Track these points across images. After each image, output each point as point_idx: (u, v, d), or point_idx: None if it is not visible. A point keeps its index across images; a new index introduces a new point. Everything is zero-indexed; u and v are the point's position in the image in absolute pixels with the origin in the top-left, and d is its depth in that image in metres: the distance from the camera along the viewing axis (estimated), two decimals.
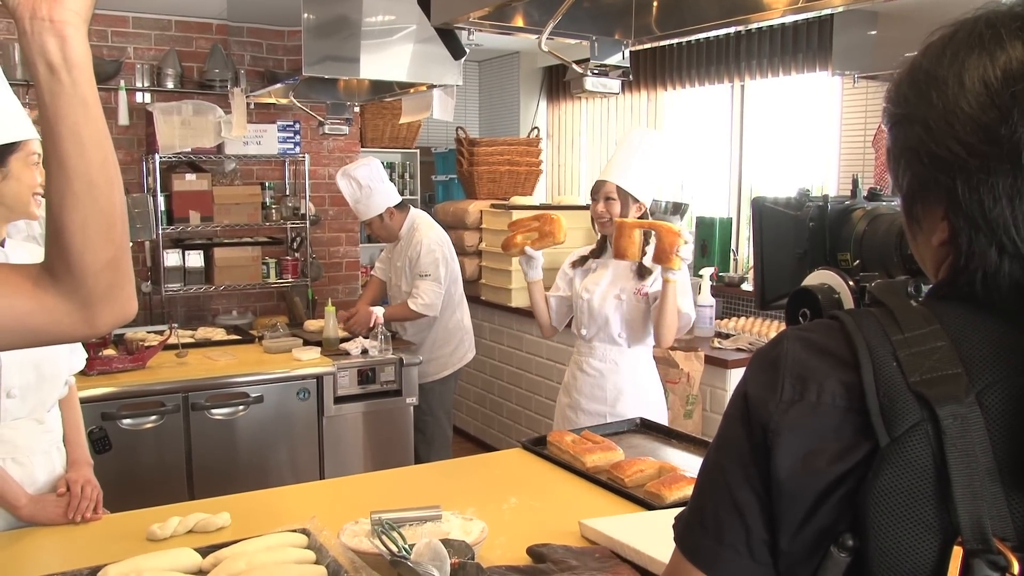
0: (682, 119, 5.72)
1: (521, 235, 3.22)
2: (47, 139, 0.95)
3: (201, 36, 5.43)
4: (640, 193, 3.16)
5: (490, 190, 6.12)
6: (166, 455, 3.69)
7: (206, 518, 2.04)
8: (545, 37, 2.43)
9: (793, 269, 1.38)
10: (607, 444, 2.52)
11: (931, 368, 0.78)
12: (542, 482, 2.40)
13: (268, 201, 5.50)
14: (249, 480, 3.73)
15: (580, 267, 3.30)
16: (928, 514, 0.76)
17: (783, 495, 0.83)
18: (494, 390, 5.89)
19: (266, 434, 3.91)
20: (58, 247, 0.97)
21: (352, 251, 6.05)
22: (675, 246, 2.86)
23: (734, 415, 0.90)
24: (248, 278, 5.31)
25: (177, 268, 5.10)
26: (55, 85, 0.93)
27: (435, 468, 2.67)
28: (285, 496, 2.37)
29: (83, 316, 1.00)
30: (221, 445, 3.81)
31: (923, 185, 0.86)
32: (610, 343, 3.18)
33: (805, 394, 0.83)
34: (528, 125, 6.77)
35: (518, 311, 5.48)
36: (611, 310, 3.14)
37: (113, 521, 2.14)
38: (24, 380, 2.11)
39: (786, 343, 0.87)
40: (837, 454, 0.80)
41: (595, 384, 3.19)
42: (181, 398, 3.70)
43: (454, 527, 1.86)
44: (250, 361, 4.01)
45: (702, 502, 0.91)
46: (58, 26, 0.92)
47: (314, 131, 5.56)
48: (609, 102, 6.28)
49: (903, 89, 0.87)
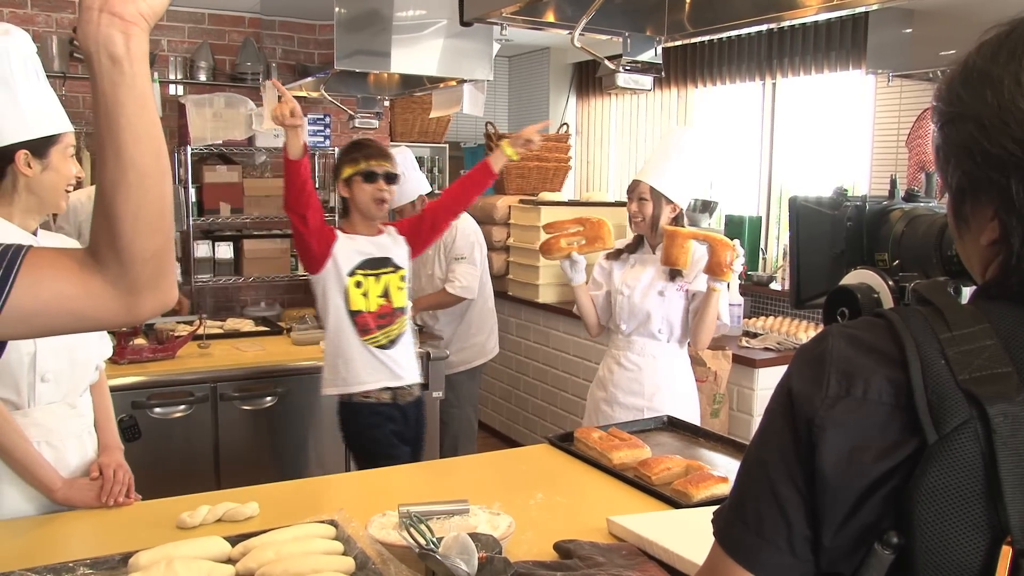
0: (713, 116, 5.69)
1: (565, 239, 3.20)
2: (104, 129, 0.97)
3: (234, 29, 5.46)
4: (674, 195, 3.16)
5: (519, 185, 6.11)
6: (195, 444, 3.72)
7: (235, 507, 2.05)
8: (578, 33, 2.43)
9: (829, 269, 1.37)
10: (634, 441, 2.52)
11: (980, 366, 0.78)
12: (568, 478, 2.40)
13: None
14: (276, 471, 3.76)
15: (616, 260, 3.30)
16: (976, 513, 0.75)
17: (827, 490, 0.82)
18: (520, 386, 5.89)
19: (293, 426, 3.94)
20: (108, 234, 0.99)
21: None
22: (730, 260, 2.96)
23: (777, 410, 0.89)
24: (277, 270, 5.34)
25: (207, 259, 5.14)
26: (117, 76, 0.95)
27: (461, 462, 2.68)
28: (313, 487, 2.39)
29: (126, 302, 1.02)
30: (248, 435, 3.84)
31: (974, 184, 0.85)
32: (649, 338, 3.20)
33: (851, 390, 0.83)
34: (557, 121, 6.76)
35: (545, 307, 5.48)
36: (653, 306, 3.16)
37: (143, 508, 2.16)
38: (58, 365, 2.13)
39: (831, 339, 0.87)
40: (883, 451, 0.80)
41: (632, 379, 3.20)
42: (209, 388, 3.73)
43: (481, 521, 1.86)
44: (278, 353, 4.04)
45: (743, 497, 0.91)
46: (126, 24, 0.95)
47: (344, 125, 5.57)
48: (639, 98, 6.26)
49: (956, 87, 0.86)
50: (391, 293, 3.24)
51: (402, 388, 3.23)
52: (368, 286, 3.19)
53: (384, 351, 3.19)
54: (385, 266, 3.23)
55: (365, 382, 3.17)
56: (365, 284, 3.18)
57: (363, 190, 3.14)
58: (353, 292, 3.16)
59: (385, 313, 3.22)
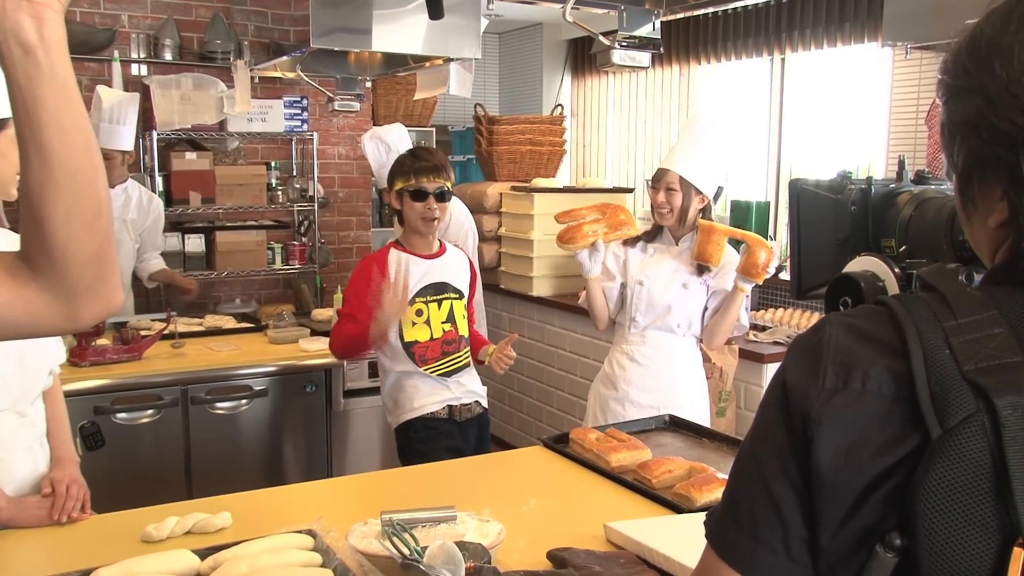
0: (717, 96, 5.69)
1: (588, 226, 3.18)
2: (24, 126, 0.93)
3: (201, 4, 5.44)
4: (704, 184, 3.18)
5: (510, 171, 6.11)
6: (163, 451, 3.72)
7: (205, 518, 2.05)
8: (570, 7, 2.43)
9: (833, 256, 1.37)
10: (634, 442, 2.52)
11: (988, 356, 0.78)
12: (564, 482, 2.40)
13: (274, 182, 5.53)
14: (252, 478, 3.76)
15: (632, 248, 3.31)
16: (985, 512, 0.75)
17: (824, 489, 0.82)
18: (513, 384, 5.90)
19: (270, 430, 3.94)
20: (39, 239, 0.97)
21: (363, 235, 6.07)
22: (766, 261, 3.02)
23: (772, 404, 0.89)
24: (252, 264, 5.35)
25: (176, 253, 5.14)
26: (32, 67, 0.92)
27: (449, 466, 2.68)
28: (290, 495, 2.39)
29: (65, 310, 1.01)
30: (222, 441, 3.84)
31: (981, 162, 0.85)
32: (666, 332, 3.23)
33: (849, 382, 0.83)
34: (551, 102, 6.76)
35: (540, 300, 5.48)
36: (675, 299, 3.19)
37: (105, 521, 2.13)
38: (6, 369, 2.07)
39: (828, 329, 0.87)
40: (883, 446, 0.80)
41: (648, 374, 3.22)
42: (180, 391, 3.73)
43: (470, 529, 1.86)
44: (254, 352, 4.04)
45: (736, 497, 0.91)
46: (35, 6, 0.91)
47: (323, 107, 5.57)
48: (638, 77, 6.27)
49: (962, 59, 0.86)
50: (456, 319, 3.21)
51: (462, 404, 3.21)
52: (430, 313, 3.16)
53: (447, 378, 3.19)
54: (446, 291, 3.20)
55: (424, 405, 3.15)
56: (427, 312, 3.15)
57: (412, 207, 3.11)
58: (409, 323, 3.12)
59: (452, 340, 3.19)
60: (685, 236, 3.25)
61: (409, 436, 3.18)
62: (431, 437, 3.15)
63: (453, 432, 3.18)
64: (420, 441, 3.15)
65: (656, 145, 6.20)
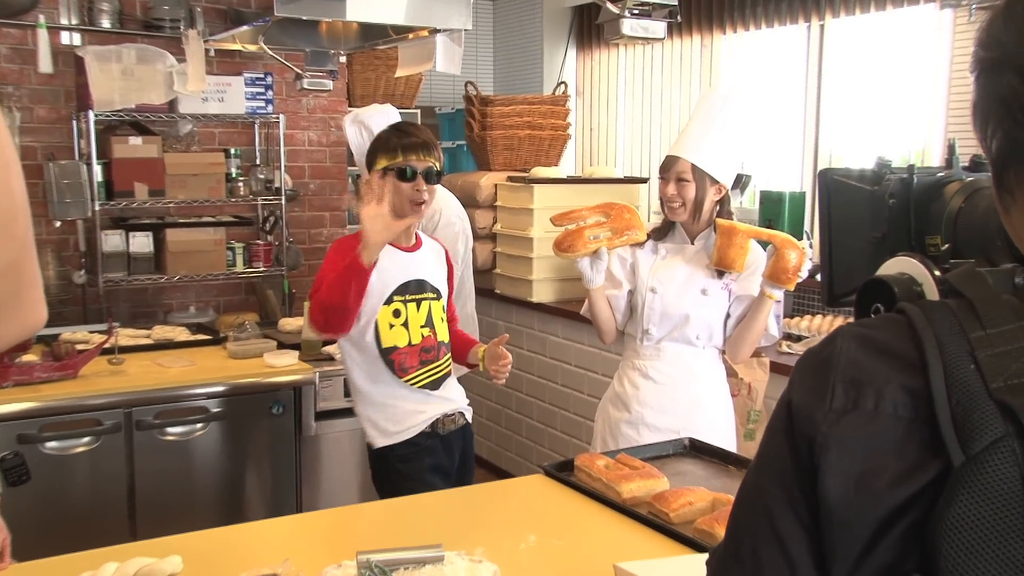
0: (744, 70, 5.69)
1: (590, 231, 3.17)
2: None
3: None
4: (720, 172, 3.19)
5: (507, 159, 6.13)
6: (102, 486, 3.71)
7: (152, 564, 2.04)
8: None
9: (869, 257, 1.37)
10: (648, 470, 2.53)
11: (1019, 372, 0.78)
12: (568, 516, 2.41)
13: (234, 172, 5.51)
14: (207, 515, 3.76)
15: (640, 250, 3.31)
16: (1016, 552, 0.75)
17: (834, 524, 0.83)
18: (511, 404, 5.91)
19: (229, 458, 3.94)
20: None
21: (338, 233, 6.06)
22: (797, 264, 3.03)
23: (776, 427, 0.90)
24: (209, 266, 5.34)
25: (119, 253, 5.12)
26: None
27: (436, 498, 2.68)
28: (252, 534, 2.39)
29: None
30: (172, 472, 3.85)
31: (1016, 146, 0.85)
32: (684, 344, 3.23)
33: (860, 401, 0.83)
34: (553, 80, 6.76)
35: (541, 307, 5.49)
36: (693, 307, 3.19)
37: (30, 571, 2.12)
38: None
39: (840, 341, 0.88)
40: (900, 475, 0.80)
41: (665, 393, 3.22)
42: (123, 414, 3.73)
43: (459, 571, 1.87)
44: (211, 368, 4.04)
45: (738, 533, 0.92)
46: None
47: (290, 86, 5.57)
48: (652, 50, 6.27)
49: (996, 28, 0.86)
50: (435, 323, 3.20)
51: (445, 416, 3.21)
52: (408, 314, 3.15)
53: (429, 391, 3.18)
54: (424, 290, 3.19)
55: (410, 427, 3.15)
56: (405, 312, 3.15)
57: (398, 189, 3.07)
58: (386, 324, 3.12)
59: (431, 347, 3.18)
60: (701, 233, 3.25)
61: (387, 460, 3.17)
62: (413, 455, 3.14)
63: (437, 448, 3.18)
64: (401, 461, 3.14)
65: (674, 128, 6.20)
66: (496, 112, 6.05)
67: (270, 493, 4.02)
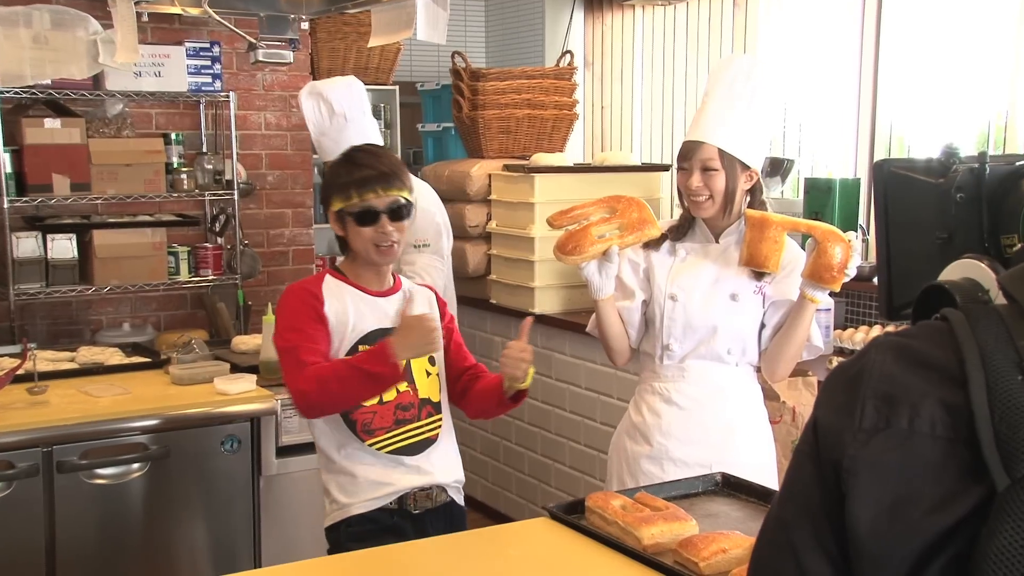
0: (785, 38, 5.70)
1: (596, 229, 3.14)
2: None
3: None
4: (751, 156, 3.18)
5: (502, 144, 6.13)
6: (15, 538, 3.67)
7: None
8: None
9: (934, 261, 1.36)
10: (673, 512, 2.52)
11: None
12: (578, 566, 2.41)
13: (176, 161, 5.52)
14: (145, 573, 3.74)
15: (655, 251, 3.30)
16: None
17: (864, 559, 0.84)
18: (510, 435, 5.90)
19: (172, 505, 3.93)
20: None
21: (302, 235, 6.07)
22: (842, 260, 3.00)
23: (803, 451, 0.92)
24: (146, 275, 5.34)
25: (35, 260, 5.10)
26: None
27: (422, 548, 2.68)
28: None
29: None
30: (102, 523, 3.83)
31: None
32: (714, 362, 3.22)
33: (893, 420, 0.84)
34: (558, 50, 6.77)
35: (544, 320, 5.48)
36: (721, 316, 3.17)
37: None
38: None
39: (873, 353, 0.90)
40: (938, 503, 0.81)
41: (692, 420, 3.20)
42: (41, 454, 3.69)
43: None
44: (149, 397, 4.02)
45: (761, 570, 0.94)
46: None
47: (242, 58, 5.57)
48: (676, 11, 6.28)
49: None
50: (415, 377, 3.13)
51: (418, 490, 3.10)
52: None
53: (401, 458, 3.10)
54: None
55: (365, 500, 3.06)
56: None
57: (358, 234, 3.04)
58: None
59: (408, 404, 3.12)
60: (728, 229, 3.23)
61: (339, 539, 3.08)
62: (369, 535, 3.00)
63: (405, 529, 3.05)
64: (354, 540, 3.02)
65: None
66: (489, 88, 6.05)
67: (222, 545, 4.00)
